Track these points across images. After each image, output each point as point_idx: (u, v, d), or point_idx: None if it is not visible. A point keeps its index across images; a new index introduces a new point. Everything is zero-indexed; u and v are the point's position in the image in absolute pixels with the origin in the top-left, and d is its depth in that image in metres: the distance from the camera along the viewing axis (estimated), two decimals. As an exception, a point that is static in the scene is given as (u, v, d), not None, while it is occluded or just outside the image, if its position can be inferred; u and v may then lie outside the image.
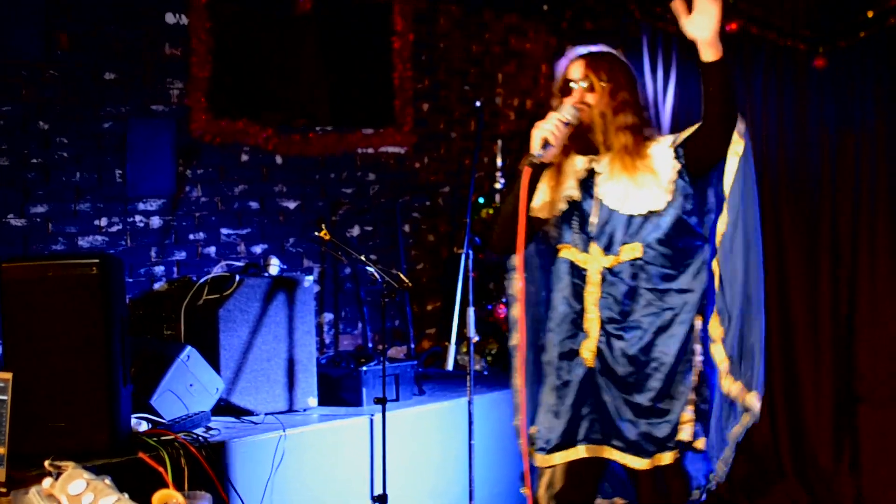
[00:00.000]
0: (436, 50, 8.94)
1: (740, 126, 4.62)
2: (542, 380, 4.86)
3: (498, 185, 8.81)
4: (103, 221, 7.06)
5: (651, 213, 4.62)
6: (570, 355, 4.73)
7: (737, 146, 4.61)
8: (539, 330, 4.89)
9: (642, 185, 4.62)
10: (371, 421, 6.65)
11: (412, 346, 8.17)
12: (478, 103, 7.17)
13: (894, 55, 8.13)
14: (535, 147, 4.50)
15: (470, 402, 6.31)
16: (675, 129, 8.81)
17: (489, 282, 8.30)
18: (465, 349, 6.81)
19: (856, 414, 8.33)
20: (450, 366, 6.37)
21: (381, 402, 6.24)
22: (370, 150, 8.42)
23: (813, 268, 8.47)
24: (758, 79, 8.61)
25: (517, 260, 4.55)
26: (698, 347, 4.71)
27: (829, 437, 8.38)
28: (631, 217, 4.62)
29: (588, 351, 4.67)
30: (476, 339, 6.37)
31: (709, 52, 4.45)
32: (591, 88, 4.66)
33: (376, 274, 6.22)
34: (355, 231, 8.32)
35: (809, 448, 8.44)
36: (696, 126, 4.68)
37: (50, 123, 6.83)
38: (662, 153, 4.68)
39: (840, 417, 8.37)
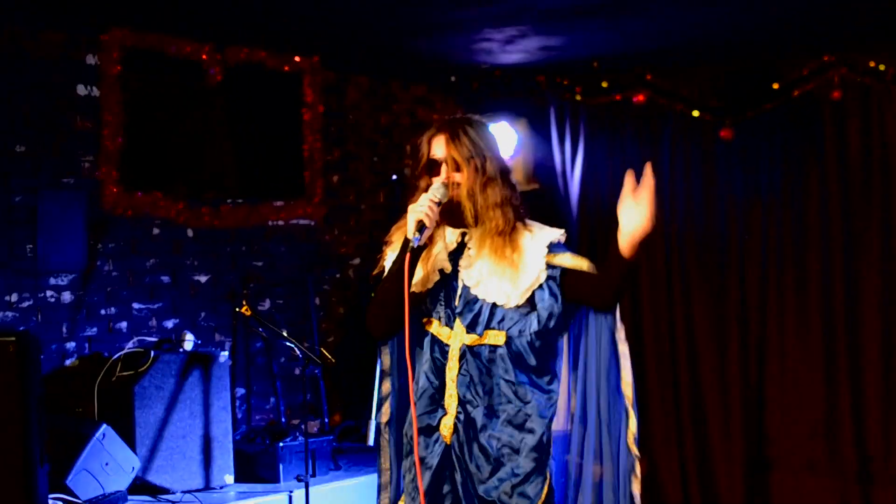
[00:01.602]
0: (345, 121, 8.93)
1: None
2: (405, 455, 4.77)
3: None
4: (14, 297, 6.93)
5: (508, 307, 4.55)
6: (428, 431, 4.61)
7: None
8: (404, 404, 4.79)
9: (501, 275, 4.48)
10: (290, 498, 6.57)
11: (326, 420, 8.08)
12: (394, 177, 7.15)
13: (800, 126, 8.29)
14: (411, 231, 4.34)
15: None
16: (583, 197, 8.89)
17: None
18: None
19: (768, 479, 8.41)
20: (371, 441, 6.30)
21: (303, 479, 6.15)
22: (280, 223, 8.38)
23: (722, 335, 8.58)
24: (665, 149, 8.73)
25: (406, 350, 4.43)
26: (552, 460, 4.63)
27: (742, 502, 8.44)
28: (494, 305, 4.57)
29: (446, 428, 4.57)
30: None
31: (627, 245, 4.38)
32: (456, 167, 4.49)
33: (297, 350, 6.14)
34: (266, 304, 8.26)
35: (722, 515, 8.52)
36: (581, 262, 4.59)
37: (-41, 196, 6.73)
38: (534, 256, 4.53)
39: (752, 483, 8.46)
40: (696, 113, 8.56)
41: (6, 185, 6.92)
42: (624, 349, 4.59)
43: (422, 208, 4.37)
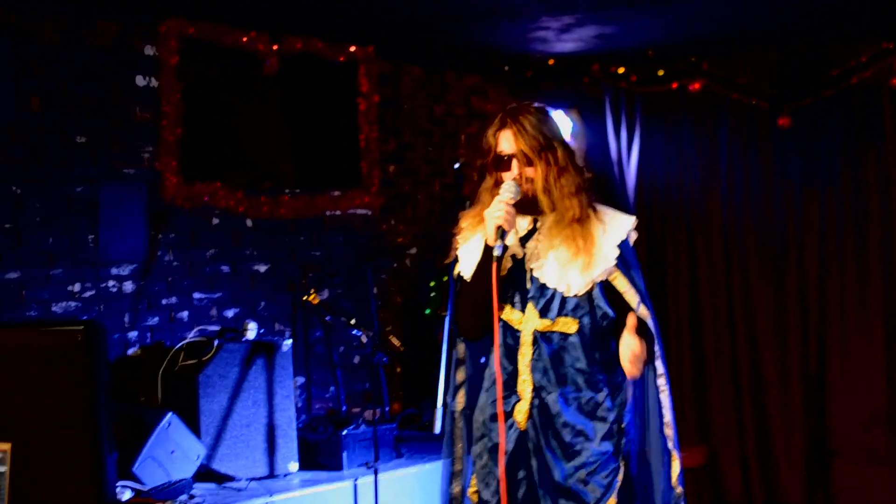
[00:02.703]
0: (400, 111, 8.93)
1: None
2: (475, 441, 4.73)
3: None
4: (76, 287, 6.95)
5: (568, 295, 4.47)
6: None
7: None
8: (475, 392, 4.75)
9: (568, 262, 4.41)
10: (355, 485, 6.56)
11: (386, 408, 8.07)
12: (457, 165, 7.14)
13: (858, 113, 8.23)
14: (492, 238, 4.27)
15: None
16: (639, 185, 8.88)
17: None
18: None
19: (829, 469, 8.36)
20: (437, 429, 6.25)
21: (372, 466, 6.15)
22: (338, 213, 8.37)
23: (782, 324, 8.53)
24: (722, 138, 8.69)
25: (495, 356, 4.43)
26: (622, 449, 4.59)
27: (803, 492, 8.40)
28: (564, 294, 4.53)
29: (521, 414, 4.51)
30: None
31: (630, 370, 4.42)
32: (528, 162, 4.39)
33: (365, 338, 6.12)
34: (325, 294, 8.24)
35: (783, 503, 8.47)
36: (632, 292, 4.55)
37: (21, 187, 6.73)
38: (604, 253, 4.45)
39: (813, 473, 8.40)
40: (752, 101, 8.51)
41: (67, 176, 6.93)
42: (665, 399, 4.54)
43: (499, 213, 4.27)
